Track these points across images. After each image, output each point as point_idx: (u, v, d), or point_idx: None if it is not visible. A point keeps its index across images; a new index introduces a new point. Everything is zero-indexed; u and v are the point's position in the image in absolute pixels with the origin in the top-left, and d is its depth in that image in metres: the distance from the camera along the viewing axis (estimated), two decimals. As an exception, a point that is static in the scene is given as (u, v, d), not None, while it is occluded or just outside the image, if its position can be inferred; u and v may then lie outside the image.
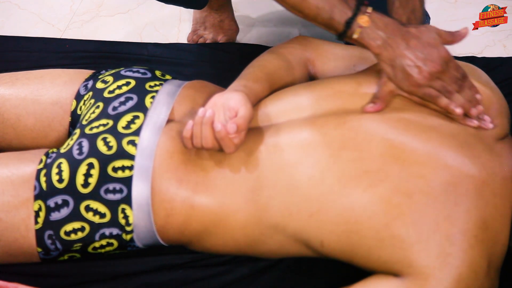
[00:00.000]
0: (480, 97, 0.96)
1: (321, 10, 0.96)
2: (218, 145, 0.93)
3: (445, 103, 0.94)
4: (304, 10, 0.98)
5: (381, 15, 0.96)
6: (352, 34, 0.96)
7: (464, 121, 0.94)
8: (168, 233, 0.97)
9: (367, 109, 0.95)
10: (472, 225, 0.85)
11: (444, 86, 0.94)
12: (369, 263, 0.89)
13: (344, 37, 0.97)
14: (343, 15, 0.95)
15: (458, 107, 0.93)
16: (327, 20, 0.97)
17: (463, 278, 0.83)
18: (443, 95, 0.94)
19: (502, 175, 0.90)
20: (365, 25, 0.95)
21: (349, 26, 0.95)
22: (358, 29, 0.95)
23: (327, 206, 0.90)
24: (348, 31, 0.96)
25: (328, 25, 0.97)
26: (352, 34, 0.95)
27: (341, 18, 0.95)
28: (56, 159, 0.97)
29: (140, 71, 1.10)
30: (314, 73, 1.14)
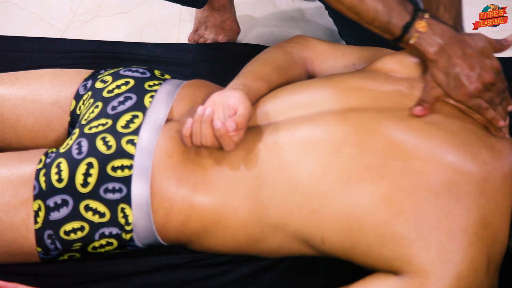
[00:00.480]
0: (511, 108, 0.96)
1: (379, 13, 0.95)
2: (218, 143, 0.93)
3: (491, 115, 0.94)
4: (361, 12, 0.96)
5: (438, 21, 0.95)
6: (409, 39, 0.95)
7: (499, 133, 0.95)
8: (168, 233, 0.97)
9: (416, 112, 0.93)
10: (472, 223, 0.85)
11: (492, 98, 0.93)
12: (369, 260, 0.89)
13: (400, 42, 0.96)
14: (401, 19, 0.94)
15: (501, 120, 0.94)
16: (384, 24, 0.95)
17: (463, 276, 0.83)
18: (491, 108, 0.94)
19: (503, 172, 0.89)
20: (422, 30, 0.94)
21: (407, 30, 0.94)
22: (416, 34, 0.94)
23: (328, 203, 0.90)
24: (405, 35, 0.95)
25: (385, 28, 0.96)
26: (409, 39, 0.95)
27: (398, 22, 0.94)
28: (55, 159, 0.97)
29: (139, 70, 1.10)
30: (313, 72, 1.14)
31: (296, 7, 1.85)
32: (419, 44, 0.94)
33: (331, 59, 1.14)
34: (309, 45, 1.14)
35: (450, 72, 0.93)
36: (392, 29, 0.95)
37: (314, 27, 1.76)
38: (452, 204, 0.86)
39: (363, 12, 0.96)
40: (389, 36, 0.97)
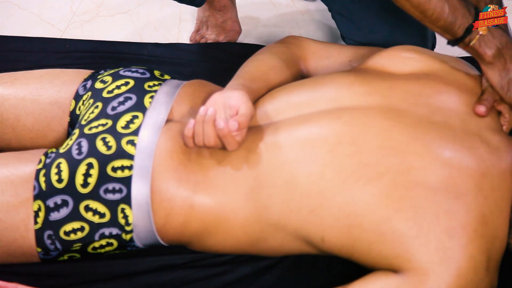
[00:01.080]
0: None
1: (445, 13, 0.95)
2: (220, 143, 0.93)
3: None
4: (427, 10, 0.96)
5: (494, 25, 0.96)
6: (470, 41, 0.96)
7: None
8: (168, 233, 0.97)
9: (480, 111, 0.95)
10: (471, 220, 0.85)
11: None
12: (369, 259, 0.89)
13: (460, 42, 0.97)
14: (465, 20, 0.95)
15: None
16: (448, 24, 0.96)
17: (462, 273, 0.83)
18: None
19: (500, 168, 0.90)
20: (483, 33, 0.95)
21: (469, 32, 0.95)
22: (477, 36, 0.95)
23: (327, 201, 0.90)
24: (466, 37, 0.95)
25: (447, 29, 0.97)
26: (471, 41, 0.95)
27: (462, 23, 0.95)
28: (55, 159, 0.97)
29: (139, 71, 1.10)
30: (307, 71, 1.15)
31: (296, 8, 1.85)
32: (479, 46, 0.96)
33: (326, 58, 1.14)
34: (301, 44, 1.15)
35: (505, 76, 0.96)
36: (455, 30, 0.96)
37: (315, 28, 1.76)
38: (451, 200, 0.86)
39: (429, 11, 0.96)
40: (449, 36, 0.98)
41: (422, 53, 1.06)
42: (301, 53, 1.14)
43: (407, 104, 0.95)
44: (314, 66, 1.14)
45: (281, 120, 0.98)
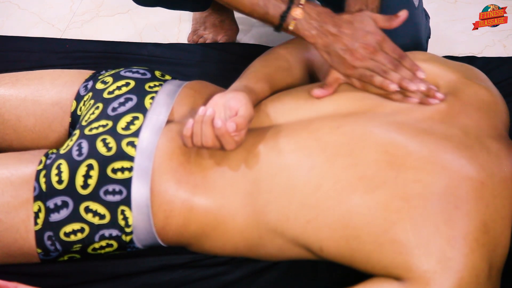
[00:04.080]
0: (424, 75, 0.98)
1: (255, 6, 1.00)
2: (218, 144, 0.93)
3: (379, 81, 0.97)
4: (238, 6, 1.02)
5: (314, 5, 0.99)
6: (287, 27, 0.99)
7: (404, 100, 0.97)
8: (168, 235, 0.97)
9: (314, 94, 0.99)
10: (472, 228, 0.84)
11: (378, 66, 0.97)
12: (369, 267, 0.89)
13: (280, 29, 1.01)
14: (277, 9, 0.99)
15: (393, 83, 0.96)
16: (263, 15, 1.01)
17: (464, 282, 0.83)
18: (377, 75, 0.97)
19: (501, 176, 0.89)
20: (299, 17, 0.98)
21: (284, 19, 0.99)
22: (293, 21, 0.99)
23: (324, 212, 0.89)
24: (283, 23, 0.99)
25: (264, 19, 1.01)
26: (288, 26, 0.99)
27: (275, 12, 0.99)
28: (55, 160, 0.97)
29: (139, 71, 1.10)
30: (314, 73, 1.14)
31: (296, 7, 1.85)
32: (297, 30, 0.99)
33: None
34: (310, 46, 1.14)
35: (331, 51, 0.99)
36: (271, 19, 1.00)
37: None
38: (451, 210, 0.85)
39: (240, 7, 1.02)
40: (270, 25, 1.02)
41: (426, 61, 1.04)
42: (309, 55, 1.13)
43: (405, 116, 0.95)
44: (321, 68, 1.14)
45: (283, 124, 0.98)
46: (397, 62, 0.98)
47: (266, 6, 0.99)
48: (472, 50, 1.62)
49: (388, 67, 0.97)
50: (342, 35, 0.97)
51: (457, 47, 1.05)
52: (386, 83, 0.97)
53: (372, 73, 0.97)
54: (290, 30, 1.00)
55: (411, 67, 0.98)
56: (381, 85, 0.97)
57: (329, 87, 1.00)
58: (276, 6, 0.99)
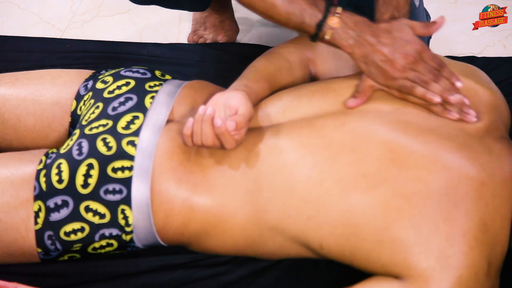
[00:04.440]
0: (461, 85, 0.96)
1: (291, 15, 0.98)
2: (218, 142, 0.93)
3: (421, 92, 0.95)
4: (274, 16, 0.99)
5: (351, 15, 0.97)
6: (324, 36, 0.97)
7: (444, 113, 0.95)
8: (168, 234, 0.97)
9: (348, 104, 0.97)
10: (472, 227, 0.85)
11: (419, 77, 0.95)
12: (369, 266, 0.89)
13: (317, 39, 0.98)
14: (314, 18, 0.97)
15: (436, 95, 0.94)
16: (299, 24, 0.98)
17: (463, 280, 0.83)
18: (418, 85, 0.95)
19: (502, 176, 0.89)
20: (335, 26, 0.96)
21: (320, 28, 0.97)
22: (329, 30, 0.97)
23: (325, 209, 0.90)
24: (319, 33, 0.97)
25: (300, 28, 0.99)
26: (324, 36, 0.97)
27: (311, 21, 0.97)
28: (55, 160, 0.97)
29: (139, 71, 1.10)
30: (315, 72, 1.14)
31: (296, 7, 1.85)
32: (334, 39, 0.97)
33: (334, 59, 1.14)
34: (311, 45, 1.14)
35: (368, 61, 0.96)
36: (307, 29, 0.98)
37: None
38: (450, 209, 0.85)
39: (276, 16, 0.99)
40: (306, 34, 1.00)
41: None
42: (310, 54, 1.13)
43: (411, 115, 0.95)
44: (322, 68, 1.14)
45: (284, 123, 0.98)
46: (437, 72, 0.96)
47: (302, 15, 0.97)
48: (472, 50, 1.62)
49: (429, 77, 0.95)
50: (381, 45, 0.95)
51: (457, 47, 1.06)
52: (429, 94, 0.94)
53: (413, 84, 0.95)
54: (327, 40, 0.97)
55: (450, 77, 0.96)
56: (424, 97, 0.95)
57: (363, 95, 0.97)
58: (313, 15, 0.97)
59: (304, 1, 0.97)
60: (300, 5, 0.97)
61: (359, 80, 1.00)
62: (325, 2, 0.98)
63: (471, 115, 0.94)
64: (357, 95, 0.97)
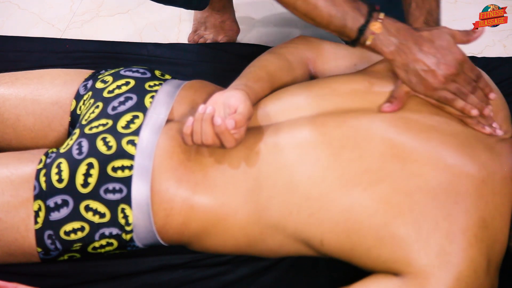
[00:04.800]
0: (494, 96, 0.96)
1: (333, 17, 0.96)
2: (218, 141, 0.93)
3: (461, 105, 0.94)
4: (316, 18, 0.97)
5: (393, 21, 0.96)
6: (365, 41, 0.96)
7: (477, 126, 0.95)
8: (168, 233, 0.97)
9: (384, 109, 0.95)
10: (471, 224, 0.85)
11: (459, 88, 0.94)
12: (369, 262, 0.90)
13: (357, 43, 0.97)
14: (356, 22, 0.95)
15: (474, 108, 0.94)
16: (340, 28, 0.97)
17: (463, 277, 0.84)
18: (458, 98, 0.94)
19: (502, 174, 0.90)
20: (377, 31, 0.95)
21: (362, 33, 0.95)
22: (371, 35, 0.95)
23: (327, 205, 0.90)
24: (361, 38, 0.96)
25: (341, 32, 0.97)
26: (365, 41, 0.96)
27: (353, 25, 0.95)
28: (55, 159, 0.97)
29: (139, 71, 1.10)
30: (315, 72, 1.14)
31: (296, 7, 1.85)
32: (375, 45, 0.96)
33: (333, 59, 1.14)
34: (311, 45, 1.14)
35: (409, 69, 0.95)
36: (348, 32, 0.97)
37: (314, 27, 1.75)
38: (450, 206, 0.86)
39: (318, 18, 0.98)
40: (346, 38, 0.98)
41: None
42: (310, 54, 1.13)
43: (413, 111, 0.95)
44: (321, 68, 1.14)
45: (285, 121, 0.98)
46: (475, 84, 0.95)
47: (344, 18, 0.96)
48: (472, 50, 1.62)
49: (468, 89, 0.94)
50: (423, 54, 0.94)
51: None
52: (468, 108, 0.94)
53: (454, 96, 0.94)
54: (367, 45, 0.96)
55: (484, 88, 0.96)
56: (463, 109, 0.94)
57: (399, 101, 0.96)
58: (355, 19, 0.95)
59: (347, 4, 0.96)
60: (343, 8, 0.96)
61: (358, 79, 1.00)
62: (368, 7, 0.96)
63: (498, 129, 0.95)
64: (393, 100, 0.96)
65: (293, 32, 1.72)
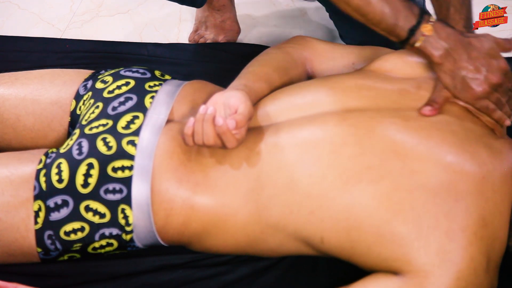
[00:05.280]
0: None
1: (385, 15, 0.96)
2: (220, 142, 0.93)
3: (498, 116, 0.95)
4: (368, 14, 0.97)
5: (443, 25, 0.96)
6: (414, 42, 0.95)
7: (504, 135, 0.96)
8: (168, 234, 0.97)
9: (424, 112, 0.94)
10: (471, 222, 0.85)
11: (499, 99, 0.95)
12: (369, 261, 0.89)
13: (406, 44, 0.97)
14: (407, 22, 0.95)
15: (507, 119, 0.95)
16: (391, 26, 0.96)
17: (462, 275, 0.83)
18: (497, 108, 0.95)
19: (502, 172, 0.90)
20: (428, 33, 0.94)
21: (413, 33, 0.95)
22: (421, 37, 0.95)
23: (328, 203, 0.90)
24: (411, 38, 0.95)
25: (391, 31, 0.97)
26: (415, 42, 0.95)
27: (405, 25, 0.95)
28: (55, 159, 0.97)
29: (139, 71, 1.10)
30: (312, 72, 1.14)
31: (296, 7, 1.85)
32: (425, 47, 0.95)
33: (331, 59, 1.14)
34: (308, 45, 1.15)
35: (456, 75, 0.95)
36: (399, 32, 0.96)
37: (314, 27, 1.76)
38: (451, 203, 0.86)
39: (370, 15, 0.97)
40: (395, 38, 0.98)
41: None
42: (307, 54, 1.13)
43: (411, 109, 0.95)
44: (319, 67, 1.14)
45: (284, 121, 0.98)
46: (511, 93, 0.96)
47: (396, 17, 0.95)
48: (472, 50, 1.62)
49: (505, 99, 0.95)
50: (471, 61, 0.94)
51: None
52: (504, 118, 0.95)
53: (495, 106, 0.95)
54: (416, 47, 0.95)
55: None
56: (499, 120, 0.95)
57: (439, 105, 0.95)
58: (407, 18, 0.95)
59: (400, 3, 0.95)
60: (396, 6, 0.95)
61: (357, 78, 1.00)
62: (419, 8, 0.96)
63: None
64: (434, 104, 0.95)
65: (294, 32, 1.72)
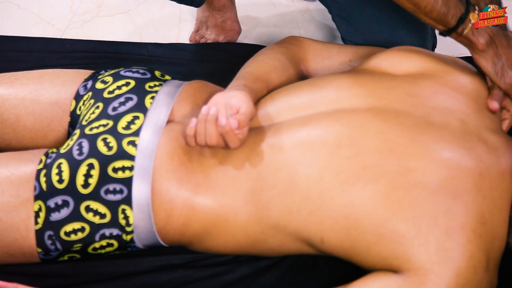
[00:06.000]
0: None
1: (437, 3, 0.98)
2: (222, 142, 0.93)
3: None
4: (421, 3, 0.99)
5: (486, 14, 0.99)
6: (463, 30, 0.99)
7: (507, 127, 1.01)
8: (169, 234, 0.97)
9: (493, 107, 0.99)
10: (470, 219, 0.85)
11: None
12: (369, 260, 0.90)
13: (453, 32, 1.00)
14: (458, 10, 0.98)
15: None
16: (442, 15, 0.99)
17: (462, 273, 0.83)
18: None
19: (499, 168, 0.90)
20: (475, 21, 0.98)
21: (463, 21, 0.98)
22: (470, 25, 0.98)
23: (326, 203, 0.90)
24: (460, 26, 0.98)
25: (441, 19, 1.00)
26: (464, 30, 0.98)
27: (455, 13, 0.98)
28: (56, 159, 0.97)
29: (139, 71, 1.10)
30: (307, 71, 1.15)
31: (296, 8, 1.85)
32: (472, 34, 0.99)
33: (326, 58, 1.15)
34: (302, 45, 1.15)
35: (497, 62, 0.99)
36: (448, 20, 0.99)
37: (315, 28, 1.76)
38: (449, 201, 0.86)
39: (423, 4, 0.99)
40: (442, 27, 1.01)
41: (421, 53, 1.06)
42: (302, 54, 1.14)
43: (405, 106, 0.96)
44: (314, 67, 1.14)
45: (282, 122, 0.98)
46: None
47: (448, 5, 0.98)
48: (472, 50, 1.62)
49: None
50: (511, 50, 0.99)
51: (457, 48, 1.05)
52: None
53: None
54: (464, 34, 0.99)
55: None
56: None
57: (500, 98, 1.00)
58: (457, 7, 0.98)
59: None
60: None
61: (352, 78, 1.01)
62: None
63: None
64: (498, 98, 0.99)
65: (294, 33, 1.72)
